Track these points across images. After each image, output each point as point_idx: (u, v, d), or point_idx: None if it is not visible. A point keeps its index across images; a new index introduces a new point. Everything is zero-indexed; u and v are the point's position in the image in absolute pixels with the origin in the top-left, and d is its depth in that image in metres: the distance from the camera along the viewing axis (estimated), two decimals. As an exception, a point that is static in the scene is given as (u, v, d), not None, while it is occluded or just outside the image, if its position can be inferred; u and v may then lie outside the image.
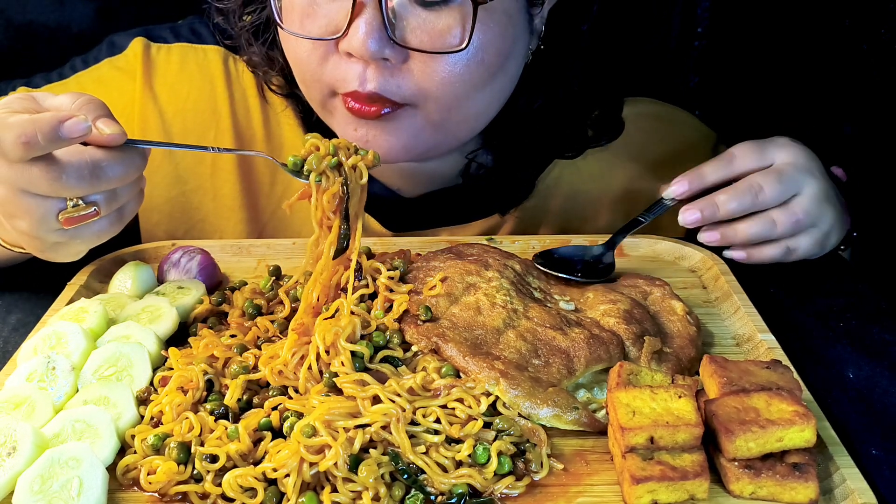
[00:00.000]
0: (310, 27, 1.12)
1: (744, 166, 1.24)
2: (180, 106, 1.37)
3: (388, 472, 0.86)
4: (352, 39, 1.08)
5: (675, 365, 1.03)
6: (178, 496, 0.87)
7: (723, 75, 1.97)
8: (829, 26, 1.86)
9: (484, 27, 1.10)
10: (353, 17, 1.07)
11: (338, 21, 1.10)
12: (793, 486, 0.84)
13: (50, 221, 0.97)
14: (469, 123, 1.22)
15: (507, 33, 1.14)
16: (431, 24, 1.08)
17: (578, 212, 1.44)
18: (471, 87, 1.14)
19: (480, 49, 1.11)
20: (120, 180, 0.98)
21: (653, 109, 1.49)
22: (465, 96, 1.15)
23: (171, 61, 1.38)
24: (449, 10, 1.08)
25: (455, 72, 1.11)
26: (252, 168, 1.40)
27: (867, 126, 1.85)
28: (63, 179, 0.93)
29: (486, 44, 1.11)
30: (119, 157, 0.97)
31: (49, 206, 0.96)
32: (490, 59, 1.13)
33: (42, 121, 0.91)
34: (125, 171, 0.98)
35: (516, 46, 1.18)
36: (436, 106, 1.15)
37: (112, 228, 1.03)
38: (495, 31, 1.12)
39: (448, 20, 1.08)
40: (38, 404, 0.94)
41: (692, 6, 1.93)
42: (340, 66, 1.13)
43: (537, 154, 1.39)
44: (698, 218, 1.23)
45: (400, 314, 1.05)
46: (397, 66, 1.11)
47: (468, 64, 1.11)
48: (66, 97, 1.00)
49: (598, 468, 0.90)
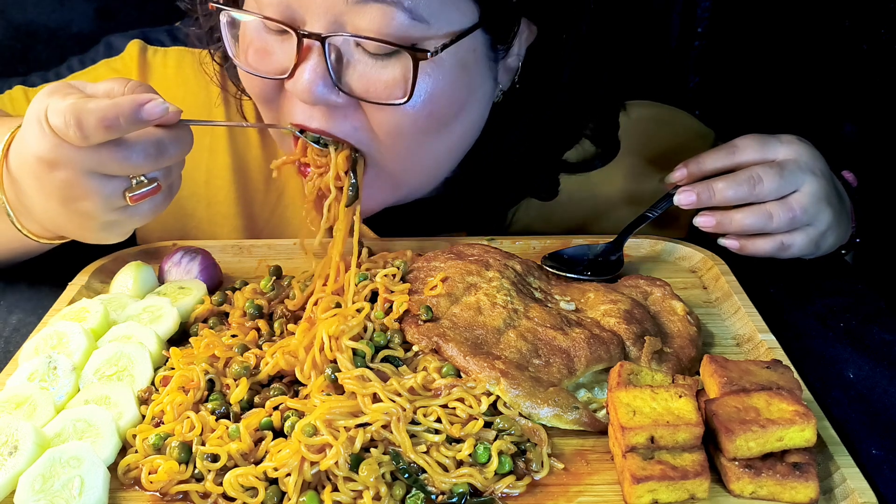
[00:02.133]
0: (258, 64, 1.12)
1: (745, 157, 1.25)
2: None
3: (389, 471, 0.86)
4: (296, 84, 1.07)
5: (676, 365, 1.03)
6: (180, 495, 0.87)
7: (723, 75, 1.97)
8: (829, 26, 1.86)
9: (431, 79, 1.07)
10: (299, 62, 1.06)
11: (285, 61, 1.08)
12: (793, 485, 0.84)
13: (116, 200, 1.01)
14: (430, 171, 1.22)
15: (460, 83, 1.12)
16: (377, 73, 1.06)
17: (581, 214, 1.44)
18: (422, 137, 1.12)
19: (428, 101, 1.08)
20: (177, 156, 1.02)
21: (653, 112, 1.49)
22: (417, 145, 1.13)
23: (167, 65, 1.38)
24: (395, 62, 1.06)
25: (403, 122, 1.09)
26: (247, 175, 1.39)
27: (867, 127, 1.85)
28: (133, 159, 0.97)
29: (435, 95, 1.09)
30: (176, 134, 1.01)
31: (116, 184, 1.00)
32: (441, 110, 1.11)
33: (123, 104, 0.95)
34: (182, 148, 1.02)
35: (475, 94, 1.15)
36: (390, 155, 1.14)
37: (165, 203, 1.06)
38: (445, 82, 1.09)
39: (394, 71, 1.06)
40: (40, 404, 0.94)
41: (692, 6, 1.93)
42: (291, 102, 1.12)
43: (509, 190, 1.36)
44: (693, 200, 1.24)
45: (401, 314, 1.05)
46: (345, 109, 1.10)
47: (415, 115, 1.09)
48: (112, 82, 1.03)
49: (598, 468, 0.91)
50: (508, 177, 1.31)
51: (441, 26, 1.05)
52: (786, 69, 1.91)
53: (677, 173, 1.28)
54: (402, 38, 1.04)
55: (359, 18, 1.03)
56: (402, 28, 1.03)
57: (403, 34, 1.04)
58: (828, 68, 1.87)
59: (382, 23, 1.02)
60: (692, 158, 1.28)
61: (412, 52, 1.04)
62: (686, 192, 1.24)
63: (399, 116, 1.09)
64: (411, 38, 1.04)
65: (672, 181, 1.29)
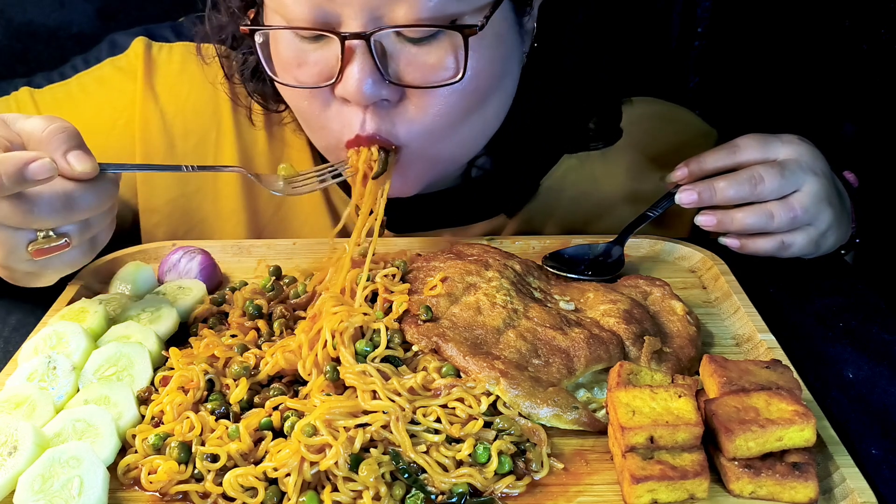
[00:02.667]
0: (302, 76, 1.10)
1: (746, 157, 1.25)
2: (181, 106, 1.37)
3: (389, 471, 0.86)
4: (347, 85, 1.06)
5: (675, 365, 1.03)
6: (179, 495, 0.87)
7: (723, 75, 1.97)
8: (829, 26, 1.86)
9: (476, 54, 1.07)
10: (345, 64, 1.05)
11: (330, 67, 1.08)
12: (792, 485, 0.84)
13: (20, 252, 0.95)
14: (468, 145, 1.22)
15: (499, 54, 1.13)
16: (423, 59, 1.06)
17: (582, 213, 1.44)
18: (464, 114, 1.13)
19: (475, 77, 1.09)
20: (92, 210, 0.97)
21: (655, 109, 1.49)
22: (459, 123, 1.14)
23: (172, 61, 1.38)
24: (439, 43, 1.06)
25: (450, 102, 1.10)
26: (252, 169, 1.39)
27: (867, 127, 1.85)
28: (34, 212, 0.92)
29: (480, 70, 1.10)
30: (91, 187, 0.96)
31: (19, 237, 0.95)
32: (484, 84, 1.12)
33: (7, 162, 0.90)
34: (98, 201, 0.97)
35: (510, 62, 1.17)
36: (430, 140, 1.14)
37: (84, 258, 1.02)
38: (487, 55, 1.10)
39: (439, 53, 1.06)
40: (39, 404, 0.94)
41: (692, 6, 1.93)
42: (343, 113, 1.11)
43: (540, 155, 1.38)
44: (695, 199, 1.24)
45: (400, 314, 1.05)
46: (393, 104, 1.10)
47: (463, 93, 1.10)
48: (37, 121, 0.98)
49: (598, 468, 0.91)
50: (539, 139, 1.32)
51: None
52: (786, 69, 1.91)
53: (678, 172, 1.28)
54: (443, 17, 1.04)
55: (396, 8, 1.02)
56: (441, 7, 1.03)
57: (442, 13, 1.03)
58: (828, 68, 1.87)
59: (421, 7, 1.02)
60: (693, 158, 1.28)
61: (461, 29, 1.04)
62: (687, 191, 1.25)
63: (447, 97, 1.09)
64: (451, 15, 1.04)
65: (673, 180, 1.29)
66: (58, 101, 1.37)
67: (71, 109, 1.35)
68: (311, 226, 1.41)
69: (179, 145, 1.37)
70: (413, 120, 1.11)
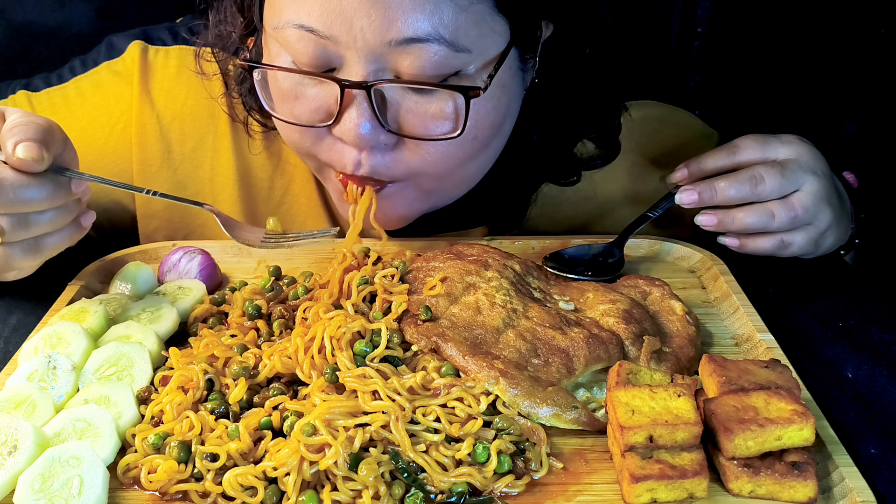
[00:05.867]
0: (298, 111, 1.10)
1: (746, 157, 1.25)
2: (178, 110, 1.36)
3: (388, 470, 0.86)
4: (344, 128, 1.06)
5: (675, 364, 1.03)
6: (179, 495, 0.87)
7: (723, 75, 1.97)
8: (829, 26, 1.86)
9: (477, 108, 1.07)
10: (344, 108, 1.05)
11: (328, 106, 1.08)
12: (791, 484, 0.84)
13: None
14: (464, 185, 1.22)
15: (502, 103, 1.12)
16: (423, 108, 1.06)
17: (583, 216, 1.44)
18: (464, 161, 1.13)
19: (474, 128, 1.08)
20: (30, 205, 0.96)
21: (656, 112, 1.49)
22: (459, 168, 1.14)
23: (168, 65, 1.37)
24: (440, 95, 1.05)
25: (448, 152, 1.10)
26: (250, 173, 1.39)
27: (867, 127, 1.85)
28: None
29: (480, 122, 1.09)
30: (37, 182, 0.96)
31: None
32: (483, 134, 1.11)
33: None
34: (38, 197, 0.96)
35: (512, 105, 1.16)
36: (427, 180, 1.14)
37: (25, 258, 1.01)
38: (489, 107, 1.09)
39: (440, 104, 1.06)
40: (39, 403, 0.94)
41: (692, 6, 1.93)
42: (335, 148, 1.11)
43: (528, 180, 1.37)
44: (695, 199, 1.24)
45: (399, 314, 1.05)
46: (390, 147, 1.10)
47: (462, 143, 1.09)
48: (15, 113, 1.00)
49: (597, 467, 0.91)
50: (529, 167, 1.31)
51: (480, 51, 1.05)
52: (786, 69, 1.91)
53: (678, 173, 1.28)
54: (446, 70, 1.03)
55: (401, 59, 1.02)
56: (446, 61, 1.03)
57: (446, 66, 1.03)
58: (828, 68, 1.87)
59: (426, 60, 1.01)
60: (693, 159, 1.28)
61: (465, 91, 1.03)
62: (688, 191, 1.24)
63: (446, 147, 1.09)
64: (454, 67, 1.04)
65: (673, 181, 1.29)
66: (55, 106, 1.37)
67: (68, 115, 1.35)
68: (308, 227, 1.41)
69: (176, 149, 1.37)
70: (410, 163, 1.11)
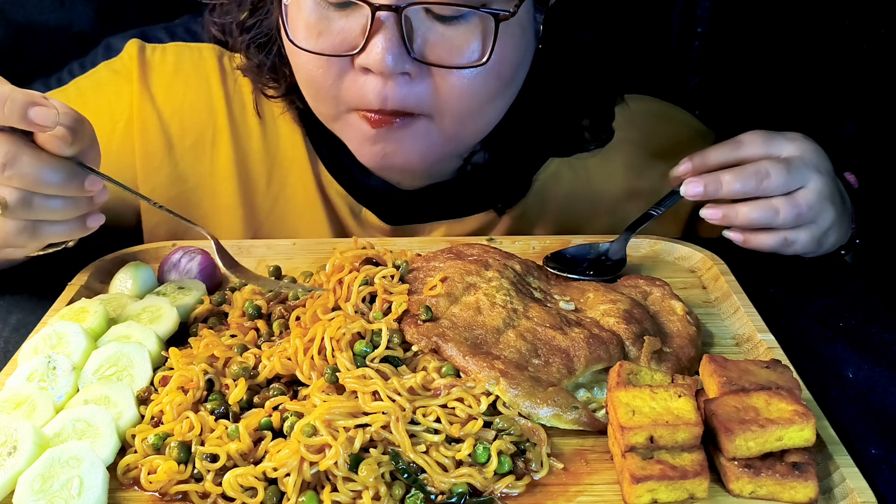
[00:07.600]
0: (322, 43, 1.10)
1: (750, 152, 1.25)
2: (177, 106, 1.37)
3: (389, 471, 0.86)
4: (370, 56, 1.06)
5: (675, 364, 1.03)
6: (179, 495, 0.87)
7: (723, 75, 1.97)
8: (829, 26, 1.86)
9: (501, 41, 1.08)
10: (372, 34, 1.05)
11: (354, 37, 1.08)
12: (792, 485, 0.84)
13: None
14: (479, 133, 1.23)
15: (520, 44, 1.14)
16: (450, 38, 1.07)
17: (577, 211, 1.44)
18: (486, 100, 1.14)
19: (498, 62, 1.10)
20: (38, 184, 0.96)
21: (652, 107, 1.49)
22: (479, 108, 1.14)
23: (166, 62, 1.38)
24: (467, 25, 1.06)
25: (473, 85, 1.10)
26: (248, 166, 1.40)
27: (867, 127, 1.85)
28: None
29: (503, 57, 1.10)
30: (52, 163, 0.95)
31: None
32: (505, 71, 1.12)
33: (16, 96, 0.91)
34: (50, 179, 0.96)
35: (526, 54, 1.18)
36: (451, 119, 1.15)
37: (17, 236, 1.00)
38: (511, 42, 1.11)
39: (466, 34, 1.07)
40: (39, 404, 0.94)
41: (692, 6, 1.93)
42: (358, 82, 1.11)
43: (532, 152, 1.39)
44: (700, 192, 1.23)
45: (400, 314, 1.05)
46: (414, 78, 1.10)
47: (486, 77, 1.10)
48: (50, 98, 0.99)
49: (597, 467, 0.91)
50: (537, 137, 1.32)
51: None
52: (786, 69, 1.90)
53: (682, 166, 1.27)
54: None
55: None
56: None
57: None
58: (828, 68, 1.87)
59: None
60: (697, 152, 1.27)
61: (496, 13, 1.03)
62: (693, 183, 1.23)
63: (471, 79, 1.09)
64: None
65: (677, 175, 1.28)
66: None
67: None
68: (307, 221, 1.41)
69: (177, 144, 1.38)
70: (438, 94, 1.11)
